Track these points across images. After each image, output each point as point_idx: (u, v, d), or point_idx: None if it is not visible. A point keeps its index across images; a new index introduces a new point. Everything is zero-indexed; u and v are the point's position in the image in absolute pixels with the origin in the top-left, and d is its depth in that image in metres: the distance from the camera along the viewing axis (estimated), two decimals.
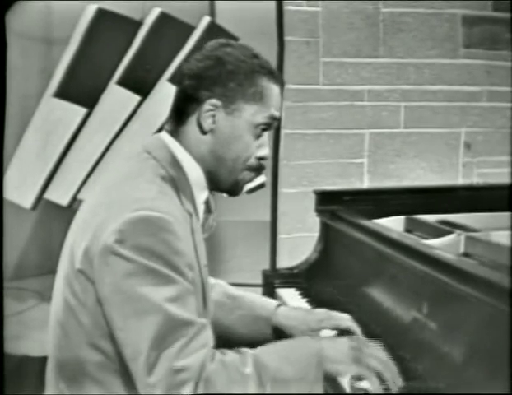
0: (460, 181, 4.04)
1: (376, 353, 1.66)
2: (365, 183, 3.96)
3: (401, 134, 3.99)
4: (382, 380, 1.63)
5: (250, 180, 1.86)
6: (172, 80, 3.54)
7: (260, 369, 1.57)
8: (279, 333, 2.05)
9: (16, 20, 3.50)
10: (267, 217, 3.82)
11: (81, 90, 3.59)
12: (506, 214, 2.73)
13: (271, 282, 2.89)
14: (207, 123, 1.76)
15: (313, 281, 2.84)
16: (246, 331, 2.07)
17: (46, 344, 1.79)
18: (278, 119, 1.84)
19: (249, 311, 2.09)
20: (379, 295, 2.32)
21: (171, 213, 1.63)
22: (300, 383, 1.59)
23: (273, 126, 1.84)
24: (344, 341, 1.69)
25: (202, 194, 1.83)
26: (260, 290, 2.94)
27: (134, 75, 3.61)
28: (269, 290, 2.87)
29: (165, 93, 3.56)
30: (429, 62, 3.98)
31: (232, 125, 1.77)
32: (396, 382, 1.65)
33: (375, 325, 2.20)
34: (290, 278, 2.89)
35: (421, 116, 3.99)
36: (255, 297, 2.17)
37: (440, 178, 4.00)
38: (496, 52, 4.02)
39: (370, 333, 2.09)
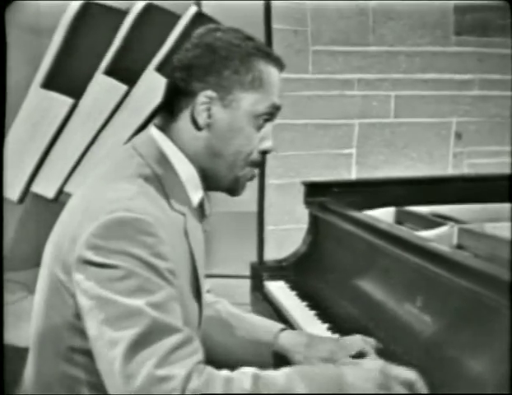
0: (450, 171, 4.02)
1: (404, 375, 1.54)
2: (353, 174, 3.94)
3: (391, 124, 3.97)
4: None
5: (252, 177, 1.73)
6: (159, 69, 3.52)
7: (261, 386, 1.42)
8: (280, 361, 1.88)
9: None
10: (254, 208, 3.81)
11: (68, 80, 3.58)
12: (498, 205, 2.72)
13: (259, 275, 2.85)
14: (203, 118, 1.63)
15: (302, 273, 2.80)
16: (245, 355, 1.92)
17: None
18: (280, 108, 1.71)
19: (250, 334, 1.95)
20: (371, 288, 2.29)
21: (151, 214, 1.50)
22: None
23: (275, 116, 1.72)
24: (368, 366, 1.56)
25: (195, 194, 1.71)
26: (248, 281, 2.91)
27: (121, 64, 3.60)
28: (257, 283, 2.82)
29: (151, 82, 3.54)
30: (420, 50, 3.96)
31: (230, 118, 1.64)
32: None
33: (367, 319, 2.16)
34: (279, 271, 2.85)
35: (411, 105, 3.98)
36: (257, 319, 2.03)
37: (430, 168, 3.98)
38: (488, 39, 4.01)
39: (361, 328, 2.06)
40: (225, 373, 1.45)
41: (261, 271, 2.87)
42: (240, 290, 3.10)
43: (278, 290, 2.70)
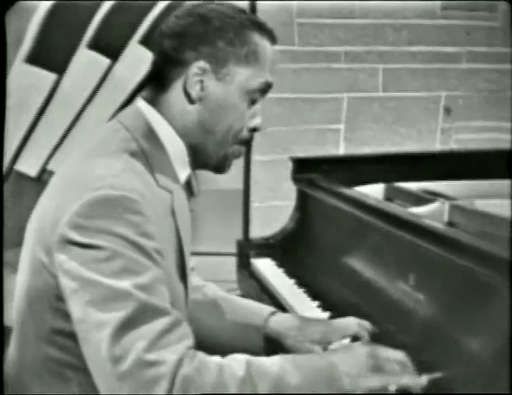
0: (438, 147, 4.01)
1: (393, 355, 1.52)
2: (341, 150, 3.93)
3: (379, 99, 3.95)
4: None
5: (240, 155, 1.68)
6: (143, 42, 3.48)
7: (254, 374, 1.38)
8: (271, 345, 1.86)
9: None
10: (240, 186, 3.78)
11: (52, 54, 3.54)
12: (489, 182, 2.71)
13: (246, 252, 2.82)
14: (195, 91, 1.57)
15: (290, 251, 2.77)
16: (234, 338, 1.88)
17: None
18: (272, 86, 1.66)
19: (240, 317, 1.90)
20: (362, 265, 2.26)
21: (138, 191, 1.44)
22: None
23: (267, 93, 1.66)
24: (357, 350, 1.51)
25: (182, 171, 1.65)
26: (234, 259, 2.90)
27: (104, 38, 3.57)
28: (244, 260, 2.80)
29: (135, 56, 3.51)
30: (407, 22, 3.92)
31: (224, 92, 1.58)
32: (419, 382, 1.52)
33: (358, 297, 2.14)
34: (266, 248, 2.82)
35: (399, 79, 3.96)
36: (246, 302, 2.00)
37: (418, 144, 3.97)
38: (474, 13, 3.99)
39: (352, 306, 2.03)
40: (216, 359, 1.40)
41: (247, 249, 2.84)
42: (226, 268, 3.08)
43: (265, 267, 2.68)
